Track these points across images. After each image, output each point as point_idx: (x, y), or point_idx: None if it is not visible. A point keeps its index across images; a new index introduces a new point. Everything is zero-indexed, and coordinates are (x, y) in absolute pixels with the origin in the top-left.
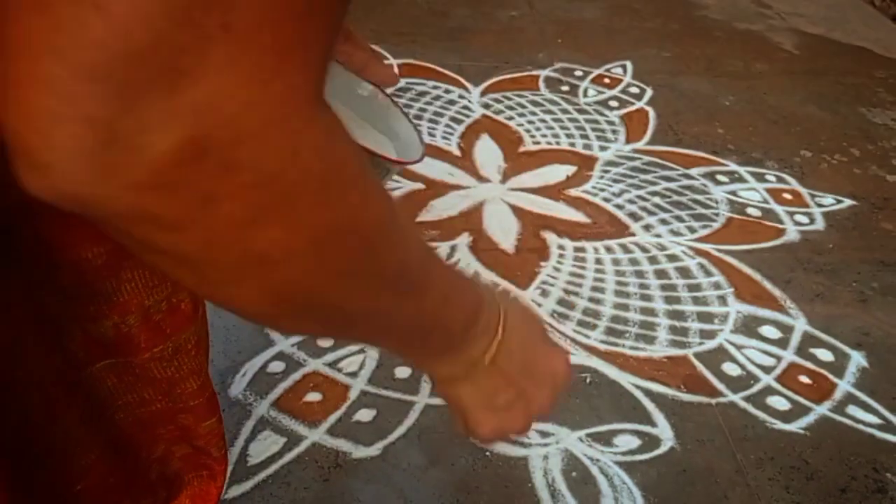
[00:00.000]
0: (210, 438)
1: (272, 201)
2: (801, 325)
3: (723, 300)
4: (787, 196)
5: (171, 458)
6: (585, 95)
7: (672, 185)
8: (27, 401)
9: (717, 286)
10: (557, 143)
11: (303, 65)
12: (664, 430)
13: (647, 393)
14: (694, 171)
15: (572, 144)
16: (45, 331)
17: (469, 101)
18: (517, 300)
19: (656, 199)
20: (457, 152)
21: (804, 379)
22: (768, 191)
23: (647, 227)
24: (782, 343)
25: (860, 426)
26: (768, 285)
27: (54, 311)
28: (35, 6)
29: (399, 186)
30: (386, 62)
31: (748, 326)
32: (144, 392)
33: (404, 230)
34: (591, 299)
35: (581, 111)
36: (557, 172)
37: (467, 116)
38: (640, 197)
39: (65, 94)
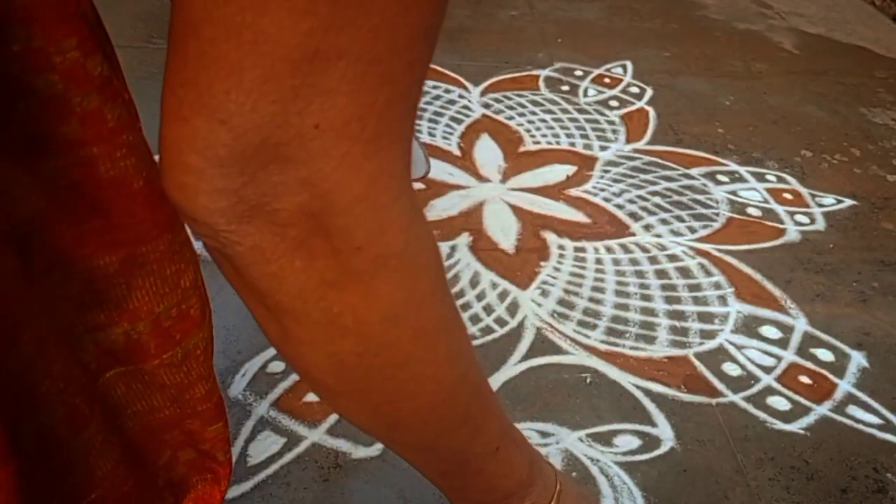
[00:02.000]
0: (216, 442)
1: (357, 269)
2: (801, 325)
3: (723, 300)
4: (788, 196)
5: (177, 463)
6: (585, 95)
7: (672, 184)
8: (51, 414)
9: (717, 286)
10: (557, 143)
11: (387, 149)
12: (664, 431)
13: (648, 393)
14: (694, 171)
15: (572, 144)
16: (63, 345)
17: (469, 101)
18: (576, 482)
19: (656, 199)
20: (457, 152)
21: (804, 379)
22: (769, 191)
23: (648, 227)
24: (783, 343)
25: (861, 426)
26: (768, 285)
27: (68, 323)
28: (179, 119)
29: None
30: None
31: (748, 326)
32: (153, 399)
33: (468, 345)
34: (591, 299)
35: (581, 111)
36: (557, 172)
37: (467, 116)
38: (640, 197)
39: (203, 175)
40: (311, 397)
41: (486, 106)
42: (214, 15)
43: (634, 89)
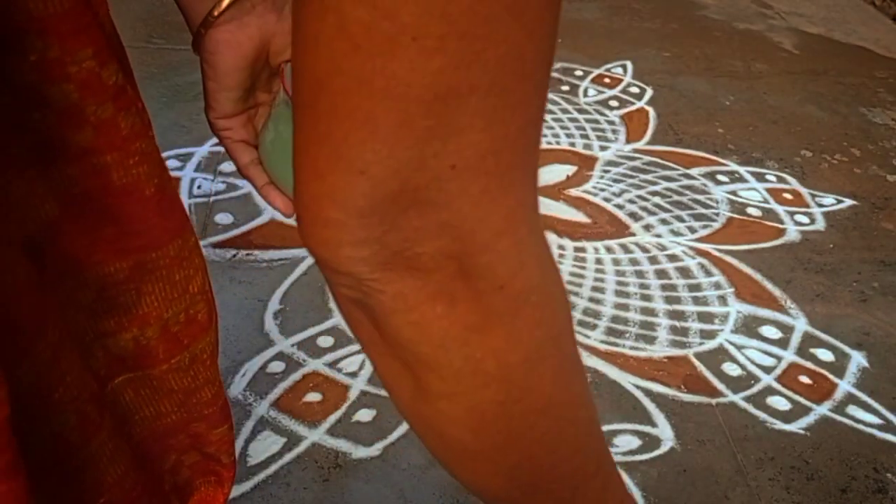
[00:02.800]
0: (221, 445)
1: (500, 309)
2: (801, 325)
3: (723, 300)
4: (788, 196)
5: (182, 467)
6: (586, 95)
7: (672, 184)
8: (64, 422)
9: (717, 286)
10: (558, 143)
11: (521, 181)
12: (664, 430)
13: (648, 393)
14: (694, 171)
15: (572, 144)
16: (76, 351)
17: None
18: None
19: (656, 199)
20: None
21: (804, 379)
22: (769, 191)
23: (648, 227)
24: (782, 343)
25: (860, 426)
26: (768, 285)
27: (79, 330)
28: (316, 176)
29: None
30: None
31: (748, 326)
32: (161, 405)
33: (589, 389)
34: (591, 299)
35: (581, 111)
36: (558, 172)
37: None
38: (640, 197)
39: (345, 228)
40: (311, 397)
41: None
42: (344, 66)
43: (634, 89)
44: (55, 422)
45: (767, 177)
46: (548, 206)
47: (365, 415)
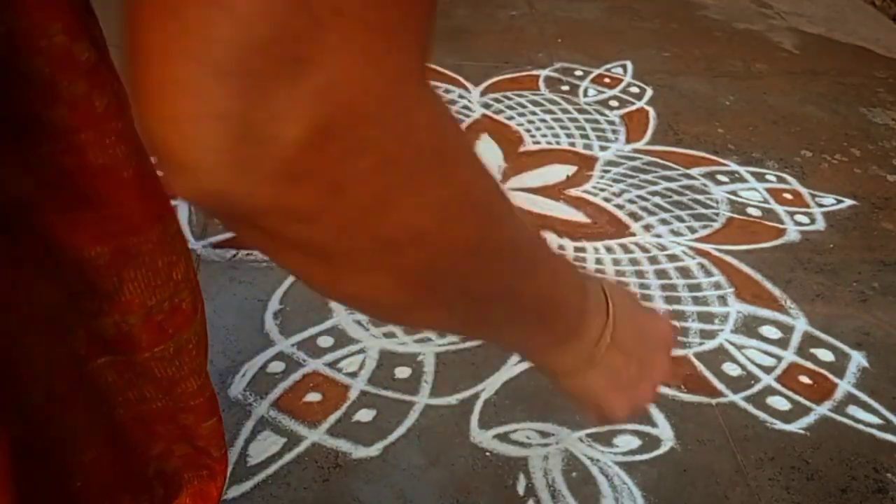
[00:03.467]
0: (211, 439)
1: (394, 182)
2: (801, 325)
3: (723, 300)
4: (788, 196)
5: (171, 456)
6: (585, 95)
7: (672, 184)
8: (31, 398)
9: (717, 286)
10: (557, 143)
11: (407, 46)
12: (664, 431)
13: None
14: (694, 171)
15: (572, 144)
16: (48, 328)
17: (469, 101)
18: (604, 277)
19: (656, 199)
20: None
21: (804, 379)
22: (769, 191)
23: (648, 227)
24: (783, 343)
25: (860, 426)
26: (768, 285)
27: (57, 308)
28: (164, 13)
29: None
30: None
31: (748, 326)
32: (145, 390)
33: (510, 205)
34: None
35: (581, 111)
36: (557, 172)
37: (467, 116)
38: (640, 197)
39: (199, 92)
40: (310, 397)
41: (486, 106)
42: None
43: (634, 89)
44: (29, 393)
45: (767, 177)
46: (548, 206)
47: (365, 415)
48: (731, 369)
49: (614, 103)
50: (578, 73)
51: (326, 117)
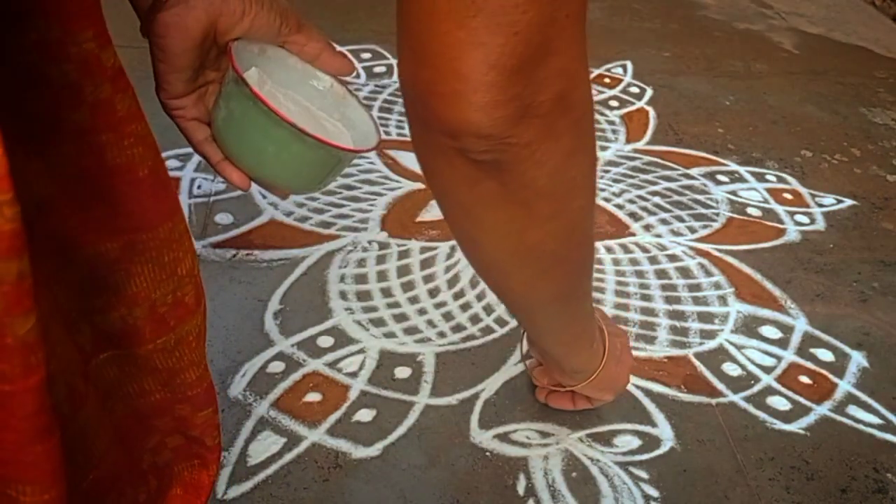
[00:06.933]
0: (205, 428)
1: (583, 130)
2: (801, 325)
3: (723, 300)
4: (788, 196)
5: (164, 448)
6: None
7: (672, 184)
8: (56, 393)
9: (717, 286)
10: None
11: (584, 27)
12: (664, 430)
13: (647, 393)
14: (694, 171)
15: None
16: (62, 324)
17: None
18: (607, 319)
19: (656, 199)
20: None
21: (804, 379)
22: (769, 191)
23: (648, 227)
24: (782, 343)
25: (861, 426)
26: (768, 285)
27: (66, 306)
28: (474, 47)
29: (399, 186)
30: (339, 51)
31: (748, 326)
32: (145, 382)
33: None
34: None
35: None
36: None
37: None
38: (640, 197)
39: (498, 89)
40: (310, 397)
41: None
42: None
43: (634, 89)
44: (51, 392)
45: (767, 177)
46: None
47: (365, 415)
48: (731, 369)
49: (614, 103)
50: None
51: (563, 85)
